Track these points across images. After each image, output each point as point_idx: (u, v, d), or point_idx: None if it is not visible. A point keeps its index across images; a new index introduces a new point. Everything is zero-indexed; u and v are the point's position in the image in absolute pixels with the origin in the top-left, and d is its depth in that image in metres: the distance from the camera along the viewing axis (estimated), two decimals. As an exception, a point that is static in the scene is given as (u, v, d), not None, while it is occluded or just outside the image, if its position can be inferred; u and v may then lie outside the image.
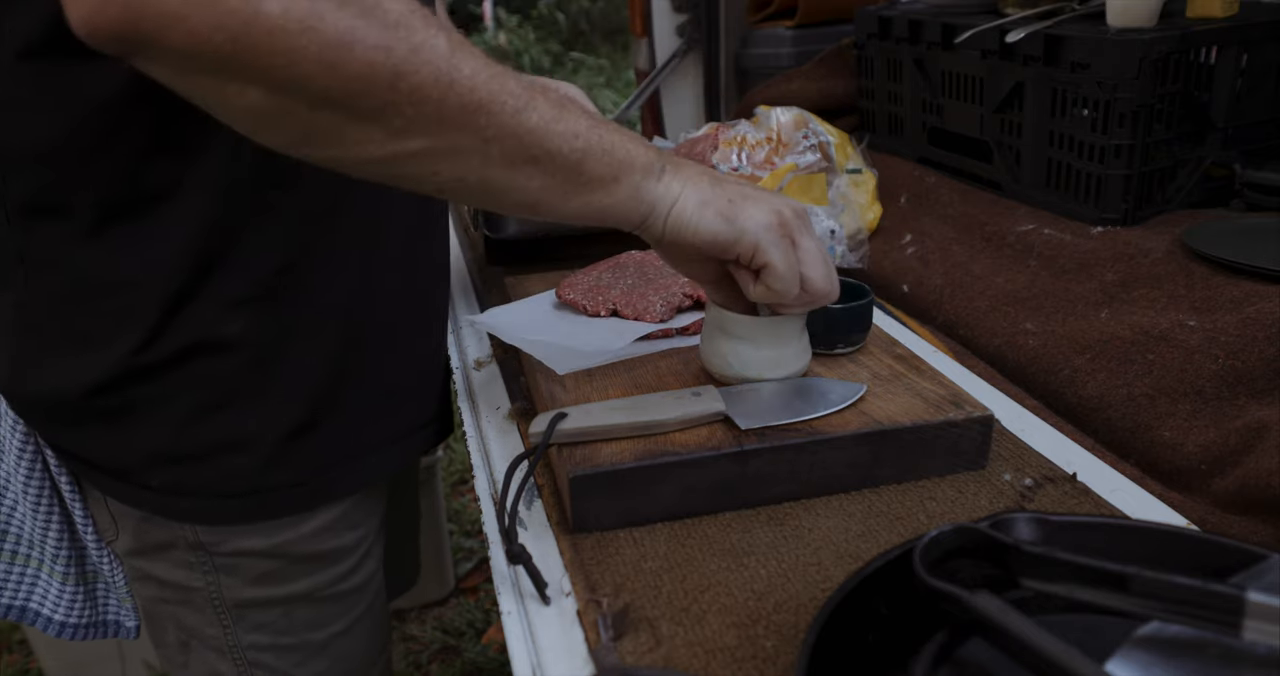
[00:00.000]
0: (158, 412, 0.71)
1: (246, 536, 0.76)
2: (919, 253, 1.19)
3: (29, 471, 0.77)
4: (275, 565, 0.78)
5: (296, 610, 0.81)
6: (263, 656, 0.81)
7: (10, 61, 0.61)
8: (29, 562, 0.84)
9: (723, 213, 0.65)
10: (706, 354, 0.78)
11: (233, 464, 0.73)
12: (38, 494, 0.78)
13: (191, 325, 0.68)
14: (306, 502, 0.77)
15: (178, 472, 0.73)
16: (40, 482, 0.78)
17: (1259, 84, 1.09)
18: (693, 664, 0.55)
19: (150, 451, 0.72)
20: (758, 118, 1.41)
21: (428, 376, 0.86)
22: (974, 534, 0.52)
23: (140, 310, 0.68)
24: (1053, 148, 1.14)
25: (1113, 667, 0.47)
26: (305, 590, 0.80)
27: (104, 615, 0.88)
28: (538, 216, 0.62)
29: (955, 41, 1.25)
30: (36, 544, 0.82)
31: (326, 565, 0.80)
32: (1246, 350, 0.81)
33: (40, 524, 0.80)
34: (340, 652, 0.85)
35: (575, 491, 0.66)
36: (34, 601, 0.85)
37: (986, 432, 0.73)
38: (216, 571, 0.77)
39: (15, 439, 0.76)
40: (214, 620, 0.79)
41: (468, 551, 2.27)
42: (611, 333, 0.87)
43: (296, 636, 0.82)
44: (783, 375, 0.76)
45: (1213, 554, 0.51)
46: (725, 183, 0.67)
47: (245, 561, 0.77)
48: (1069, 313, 0.96)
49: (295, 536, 0.77)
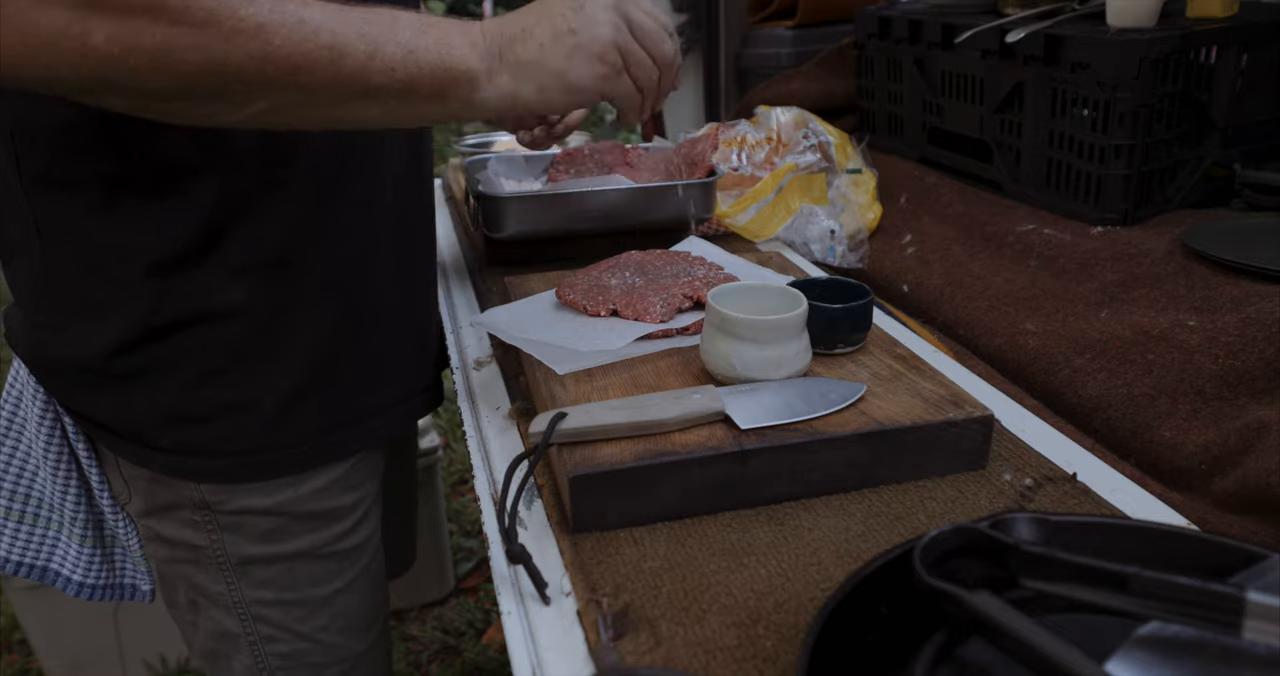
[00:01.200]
0: (167, 376, 0.75)
1: (250, 495, 0.80)
2: (919, 253, 1.19)
3: (49, 438, 0.81)
4: (277, 523, 0.82)
5: (298, 567, 0.85)
6: (267, 611, 0.85)
7: None
8: (49, 525, 0.87)
9: (562, 88, 0.68)
10: (708, 355, 0.78)
11: (237, 424, 0.77)
12: (56, 459, 0.82)
13: (198, 293, 0.73)
14: (307, 462, 0.81)
15: (185, 432, 0.77)
16: (60, 448, 0.81)
17: (1259, 84, 1.09)
18: (693, 664, 0.55)
19: (160, 413, 0.76)
20: (758, 118, 1.41)
21: (423, 342, 0.91)
22: (974, 534, 0.52)
23: (149, 279, 0.72)
24: (1053, 148, 1.14)
25: (1113, 667, 0.47)
26: (306, 547, 0.84)
27: (120, 578, 0.91)
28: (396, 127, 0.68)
29: (955, 41, 1.25)
30: (56, 507, 0.86)
31: (326, 523, 0.84)
32: (1246, 350, 0.81)
33: (59, 488, 0.84)
34: (340, 608, 0.89)
35: (575, 491, 0.66)
36: (54, 562, 0.88)
37: (986, 432, 0.73)
38: (221, 530, 0.81)
39: (36, 406, 0.80)
40: (219, 577, 0.83)
41: (468, 551, 2.27)
42: (611, 332, 0.87)
43: (299, 592, 0.86)
44: (784, 375, 0.76)
45: (1213, 554, 0.51)
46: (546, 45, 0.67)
47: (248, 519, 0.81)
48: (1069, 313, 0.96)
49: (296, 495, 0.81)
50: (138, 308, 0.73)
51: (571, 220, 1.14)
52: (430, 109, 0.65)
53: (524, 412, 0.85)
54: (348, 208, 0.78)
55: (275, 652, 0.87)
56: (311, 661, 0.89)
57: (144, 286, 0.72)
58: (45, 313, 0.76)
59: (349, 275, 0.80)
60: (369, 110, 0.63)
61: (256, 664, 0.87)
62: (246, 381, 0.77)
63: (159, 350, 0.74)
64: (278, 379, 0.78)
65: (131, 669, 1.84)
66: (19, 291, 0.79)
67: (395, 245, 0.84)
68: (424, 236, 0.91)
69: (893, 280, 1.18)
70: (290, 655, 0.88)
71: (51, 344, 0.77)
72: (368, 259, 0.81)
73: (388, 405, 0.87)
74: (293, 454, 0.80)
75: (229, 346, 0.75)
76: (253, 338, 0.76)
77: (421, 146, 0.89)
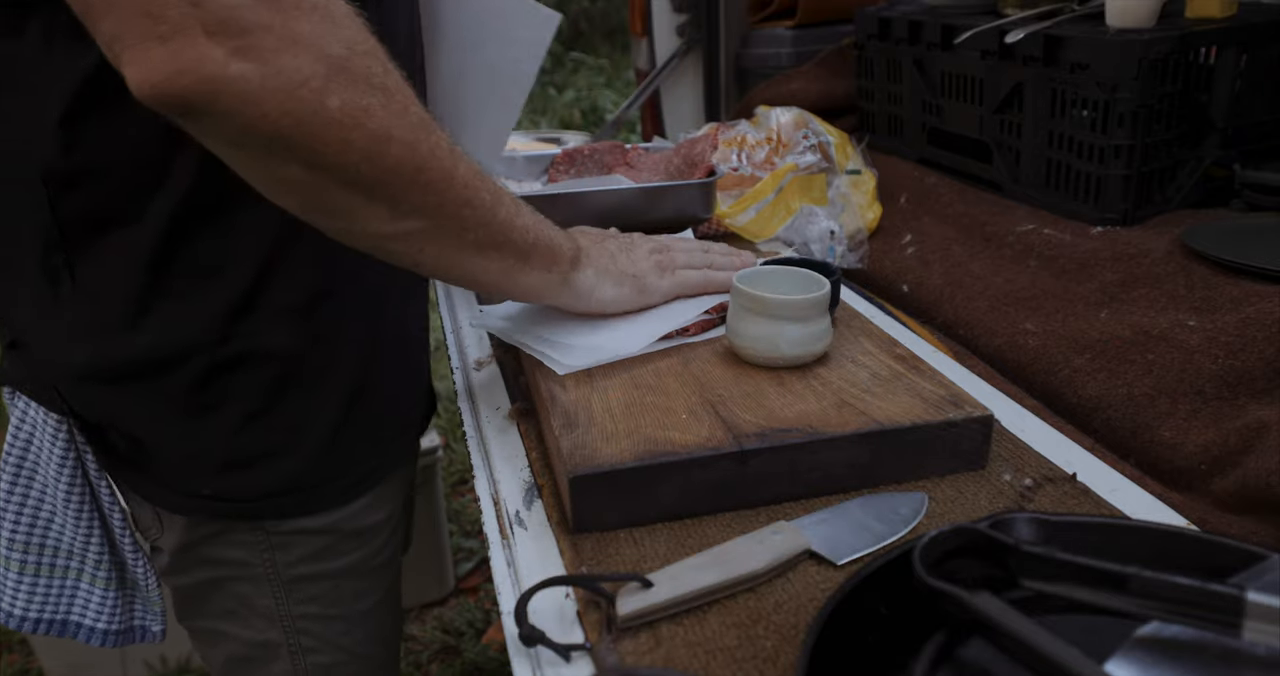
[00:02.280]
0: (214, 421, 0.74)
1: (302, 518, 0.81)
2: (919, 253, 1.19)
3: (70, 482, 0.78)
4: (328, 541, 0.83)
5: (344, 583, 0.86)
6: (311, 625, 0.86)
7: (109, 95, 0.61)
8: (68, 573, 0.85)
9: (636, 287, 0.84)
10: (745, 338, 0.80)
11: (278, 468, 0.77)
12: (79, 504, 0.80)
13: (243, 337, 0.72)
14: (348, 494, 0.83)
15: (229, 480, 0.77)
16: (81, 492, 0.79)
17: (1258, 84, 1.09)
18: (693, 664, 0.55)
19: (206, 461, 0.75)
20: (758, 118, 1.41)
21: (423, 360, 0.94)
22: (974, 534, 0.52)
23: (201, 323, 0.71)
24: (1052, 148, 1.14)
25: (1113, 667, 0.47)
26: (352, 564, 0.85)
27: (133, 620, 0.90)
28: (481, 291, 0.80)
29: (955, 42, 1.25)
30: (77, 553, 0.83)
31: (369, 539, 0.86)
32: (1246, 350, 0.81)
33: (82, 533, 0.81)
34: (377, 621, 0.91)
35: (575, 491, 0.66)
36: (75, 613, 0.87)
37: (986, 432, 0.73)
38: (273, 549, 0.81)
39: (56, 449, 0.77)
40: (267, 591, 0.83)
41: (468, 551, 2.27)
42: (614, 331, 0.87)
43: (343, 607, 0.87)
44: (820, 350, 0.80)
45: (1213, 554, 0.51)
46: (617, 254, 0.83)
47: (301, 539, 0.82)
48: (1069, 313, 0.96)
49: (345, 514, 0.83)
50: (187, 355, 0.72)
51: (571, 220, 1.14)
52: (534, 278, 0.74)
53: (524, 412, 0.85)
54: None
55: (314, 663, 0.88)
56: (346, 671, 0.90)
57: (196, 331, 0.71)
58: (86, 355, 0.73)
59: (372, 303, 0.80)
60: (492, 263, 0.69)
61: (295, 670, 0.88)
62: (287, 421, 0.76)
63: (206, 397, 0.73)
64: (316, 414, 0.77)
65: (131, 669, 1.84)
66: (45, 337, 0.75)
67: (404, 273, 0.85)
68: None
69: (893, 280, 1.18)
70: (329, 666, 0.89)
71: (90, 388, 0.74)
72: (384, 285, 0.81)
73: (406, 426, 0.90)
74: (333, 487, 0.81)
75: (271, 387, 0.75)
76: (293, 376, 0.75)
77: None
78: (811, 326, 0.79)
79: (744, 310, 0.80)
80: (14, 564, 0.83)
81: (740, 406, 0.74)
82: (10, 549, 0.82)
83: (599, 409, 0.74)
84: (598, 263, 0.81)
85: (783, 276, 0.85)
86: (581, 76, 6.69)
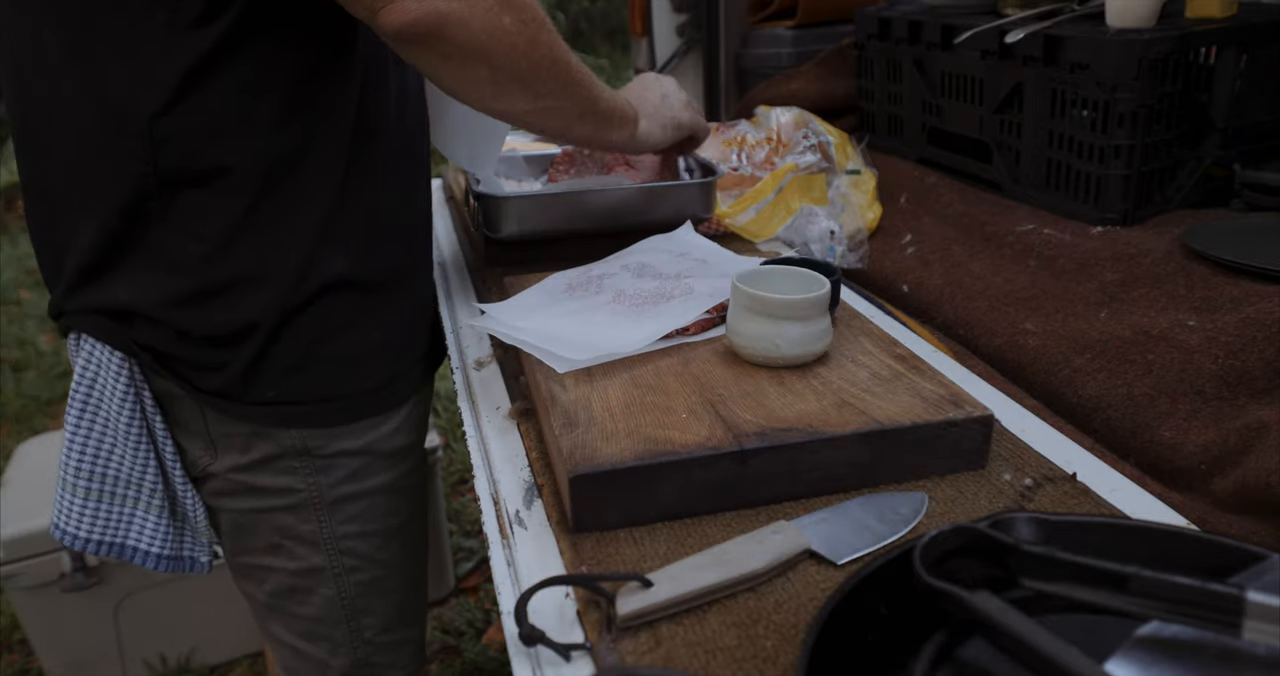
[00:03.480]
0: (289, 342, 0.86)
1: (343, 438, 0.92)
2: (919, 253, 1.19)
3: (130, 417, 0.87)
4: (365, 461, 0.94)
5: (379, 500, 0.97)
6: (352, 544, 0.97)
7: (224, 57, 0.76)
8: (125, 502, 0.93)
9: (674, 126, 1.09)
10: (745, 338, 0.80)
11: (335, 374, 0.89)
12: (138, 436, 0.88)
13: (326, 268, 0.85)
14: (384, 403, 0.94)
15: (290, 383, 0.87)
16: (140, 426, 0.88)
17: (1258, 84, 1.09)
18: (693, 664, 0.55)
19: (278, 368, 0.86)
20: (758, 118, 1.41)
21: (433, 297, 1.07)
22: (974, 534, 0.52)
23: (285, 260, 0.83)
24: (1052, 148, 1.14)
25: (1113, 667, 0.47)
26: (386, 482, 0.97)
27: (182, 550, 0.97)
28: (576, 144, 1.21)
29: (955, 42, 1.25)
30: (134, 482, 0.91)
31: (400, 460, 0.98)
32: (1246, 350, 0.81)
33: (140, 463, 0.90)
34: (407, 539, 1.03)
35: (575, 491, 0.66)
36: (131, 538, 0.94)
37: (986, 432, 0.73)
38: (317, 473, 0.92)
39: (119, 384, 0.85)
40: (312, 517, 0.94)
41: (468, 551, 2.27)
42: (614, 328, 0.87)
43: (379, 522, 0.98)
44: (821, 349, 0.81)
45: (1213, 554, 0.51)
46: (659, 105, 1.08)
47: (341, 460, 0.93)
48: (1069, 313, 0.96)
49: (378, 435, 0.94)
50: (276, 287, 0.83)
51: (571, 220, 1.14)
52: (614, 134, 0.99)
53: (524, 412, 0.85)
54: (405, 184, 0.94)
55: (357, 581, 0.99)
56: (385, 586, 1.02)
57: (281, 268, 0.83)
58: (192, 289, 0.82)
59: (408, 246, 0.95)
60: (586, 126, 0.94)
61: (339, 594, 0.99)
62: (346, 340, 0.89)
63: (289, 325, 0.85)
64: (370, 334, 0.90)
65: (131, 669, 1.84)
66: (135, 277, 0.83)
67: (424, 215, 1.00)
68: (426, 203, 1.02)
69: (893, 280, 1.18)
70: (369, 582, 1.00)
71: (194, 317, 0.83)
72: (415, 233, 0.97)
73: (425, 354, 1.02)
74: (376, 396, 0.93)
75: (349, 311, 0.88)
76: (352, 304, 0.88)
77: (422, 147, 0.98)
78: (812, 326, 0.79)
79: (744, 309, 0.80)
80: (79, 490, 0.91)
81: (740, 406, 0.74)
82: (77, 477, 0.90)
83: (599, 408, 0.74)
84: (646, 115, 1.05)
85: (783, 276, 0.85)
86: (581, 76, 6.68)
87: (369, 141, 0.86)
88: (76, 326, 0.86)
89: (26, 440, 2.03)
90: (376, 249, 0.90)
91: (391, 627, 1.04)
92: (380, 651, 1.04)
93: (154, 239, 0.81)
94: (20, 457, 1.87)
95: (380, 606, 1.02)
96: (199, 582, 1.79)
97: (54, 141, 0.81)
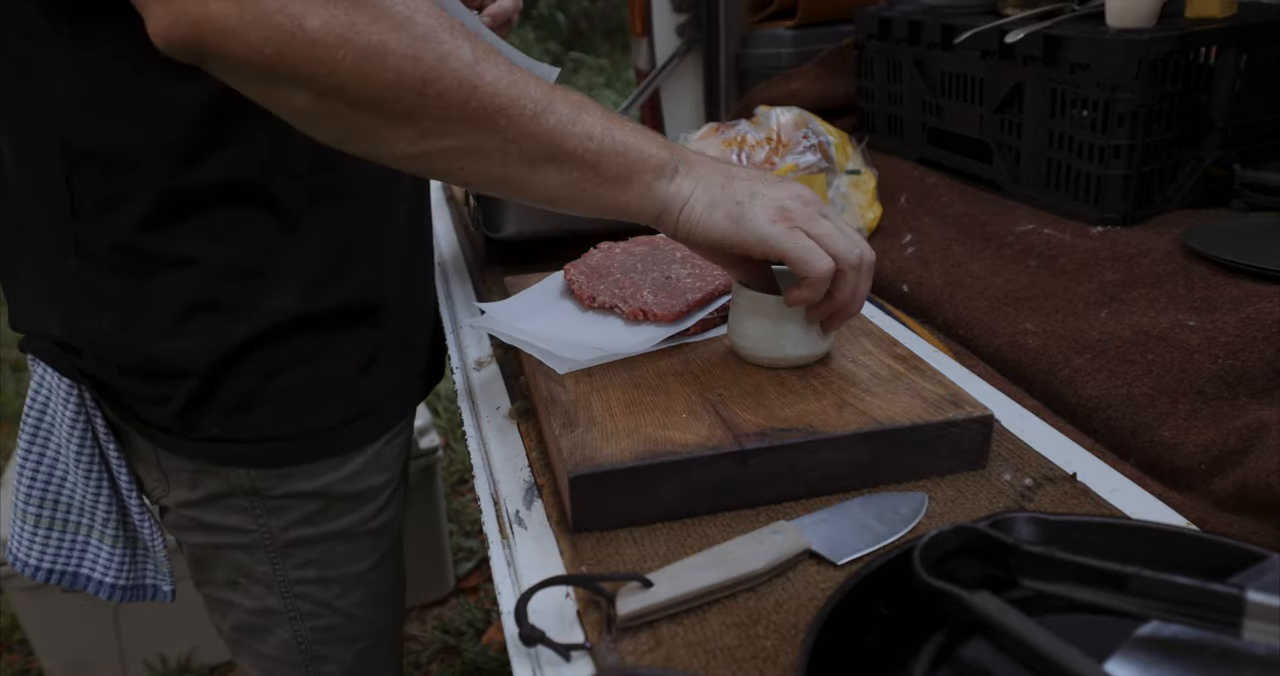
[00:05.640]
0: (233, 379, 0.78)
1: (295, 479, 0.84)
2: (919, 253, 1.19)
3: (80, 442, 0.82)
4: (320, 504, 0.86)
5: (337, 546, 0.89)
6: (308, 589, 0.90)
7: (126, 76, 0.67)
8: (79, 530, 0.89)
9: (730, 215, 0.69)
10: (747, 339, 0.80)
11: (283, 410, 0.81)
12: (89, 463, 0.83)
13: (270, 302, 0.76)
14: (345, 445, 0.85)
15: (235, 420, 0.80)
16: (91, 452, 0.83)
17: (1258, 84, 1.09)
18: (693, 664, 0.55)
19: (218, 407, 0.79)
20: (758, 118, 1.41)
21: (425, 329, 0.96)
22: (974, 534, 0.52)
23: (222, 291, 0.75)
24: (1052, 148, 1.14)
25: (1113, 667, 0.47)
26: (345, 527, 0.88)
27: (143, 579, 0.94)
28: (560, 210, 0.68)
29: (955, 42, 1.25)
30: (88, 510, 0.88)
31: (363, 503, 0.89)
32: (1246, 350, 0.81)
33: (91, 491, 0.85)
34: (372, 585, 0.94)
35: (575, 491, 0.66)
36: (85, 567, 0.90)
37: (986, 432, 0.73)
38: (268, 514, 0.85)
39: (68, 411, 0.80)
40: (264, 559, 0.87)
41: (468, 551, 2.27)
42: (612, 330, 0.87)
43: (337, 569, 0.90)
44: (825, 349, 0.80)
45: (1213, 554, 0.51)
46: (736, 179, 0.70)
47: (294, 502, 0.85)
48: (1069, 313, 0.96)
49: (338, 477, 0.86)
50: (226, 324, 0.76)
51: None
52: (611, 193, 0.66)
53: (524, 412, 0.85)
54: (380, 211, 0.83)
55: (313, 627, 0.92)
56: (346, 634, 0.94)
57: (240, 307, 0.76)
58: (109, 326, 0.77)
59: (378, 276, 0.84)
60: (550, 177, 0.63)
61: (295, 638, 0.92)
62: (298, 377, 0.80)
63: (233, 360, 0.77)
64: (326, 370, 0.82)
65: (131, 669, 1.84)
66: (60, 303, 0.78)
67: (408, 242, 0.89)
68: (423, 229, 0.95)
69: (893, 280, 1.18)
70: (327, 629, 0.93)
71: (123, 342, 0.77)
72: (389, 262, 0.85)
73: (403, 387, 0.92)
74: (332, 437, 0.84)
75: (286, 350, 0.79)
76: (306, 339, 0.79)
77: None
78: (815, 326, 0.79)
79: (747, 311, 0.80)
80: (30, 517, 0.87)
81: (740, 406, 0.74)
82: (27, 503, 0.87)
83: (599, 408, 0.74)
84: (700, 177, 0.69)
85: (784, 277, 0.85)
86: (581, 76, 6.70)
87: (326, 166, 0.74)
88: (28, 347, 0.82)
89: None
90: (335, 280, 0.79)
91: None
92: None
93: (74, 268, 0.74)
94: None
95: (340, 654, 0.95)
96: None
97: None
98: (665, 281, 0.91)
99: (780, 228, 0.69)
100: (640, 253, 1.00)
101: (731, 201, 0.69)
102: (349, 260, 0.80)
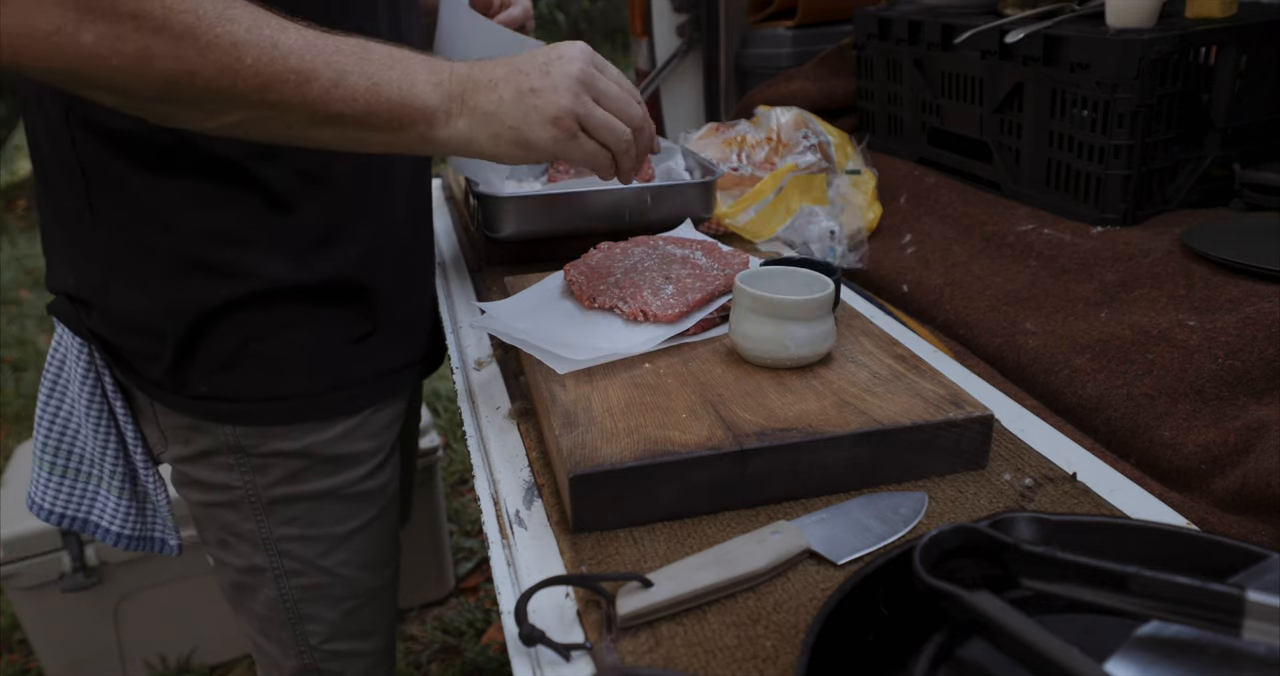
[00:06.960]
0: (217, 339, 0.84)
1: (279, 439, 0.88)
2: (919, 253, 1.19)
3: (90, 397, 0.89)
4: (303, 464, 0.90)
5: (321, 505, 0.93)
6: (291, 547, 0.94)
7: None
8: (89, 479, 0.96)
9: (515, 141, 0.73)
10: (750, 340, 0.80)
11: (268, 373, 0.86)
12: (98, 417, 0.90)
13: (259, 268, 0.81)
14: (328, 411, 0.90)
15: (223, 379, 0.85)
16: (100, 407, 0.90)
17: (1258, 84, 1.09)
18: (693, 664, 0.55)
19: (205, 366, 0.85)
20: (758, 118, 1.41)
21: (422, 319, 1.00)
22: (974, 534, 0.52)
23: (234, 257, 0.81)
24: (1052, 148, 1.14)
25: (1113, 667, 0.47)
26: (328, 487, 0.93)
27: (151, 531, 1.00)
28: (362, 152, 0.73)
29: (955, 42, 1.25)
30: (96, 462, 0.94)
31: (347, 467, 0.93)
32: (1246, 350, 0.81)
33: (100, 444, 0.92)
34: (358, 546, 0.98)
35: (575, 491, 0.66)
36: (94, 514, 0.97)
37: (986, 432, 0.73)
38: (253, 471, 0.90)
39: (79, 368, 0.88)
40: (250, 516, 0.92)
41: (468, 551, 2.27)
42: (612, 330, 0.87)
43: (321, 529, 0.94)
44: (825, 350, 0.80)
45: (1213, 554, 0.51)
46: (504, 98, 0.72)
47: (277, 461, 0.89)
48: (1069, 313, 0.96)
49: (320, 440, 0.90)
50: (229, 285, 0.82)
51: (571, 220, 1.14)
52: (386, 139, 0.71)
53: (524, 412, 0.85)
54: (372, 197, 0.88)
55: (298, 585, 0.96)
56: (331, 593, 0.98)
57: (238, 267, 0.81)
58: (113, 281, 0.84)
59: (369, 258, 0.88)
60: (326, 132, 0.69)
61: (281, 595, 0.96)
62: (284, 342, 0.86)
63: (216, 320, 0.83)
64: (312, 339, 0.87)
65: (131, 669, 1.84)
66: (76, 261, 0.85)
67: (408, 231, 0.94)
68: (423, 222, 0.99)
69: (893, 280, 1.18)
70: (311, 587, 0.97)
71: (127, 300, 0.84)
72: (383, 247, 0.90)
73: (396, 369, 0.96)
74: (317, 402, 0.89)
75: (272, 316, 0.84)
76: (294, 308, 0.85)
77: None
78: (818, 326, 0.79)
79: (749, 311, 0.80)
80: (45, 464, 0.95)
81: (740, 406, 0.74)
82: (44, 451, 0.94)
83: (599, 408, 0.74)
84: (474, 111, 0.72)
85: (785, 277, 0.85)
86: (581, 76, 6.68)
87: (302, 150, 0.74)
88: (51, 308, 0.90)
89: (26, 440, 2.03)
90: (321, 255, 0.84)
91: (337, 637, 1.01)
92: (328, 659, 1.01)
93: (86, 226, 0.82)
94: (20, 457, 1.87)
95: (326, 613, 0.99)
96: (199, 582, 1.79)
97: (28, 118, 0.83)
98: (665, 281, 0.92)
99: (563, 140, 0.73)
100: (640, 253, 1.00)
101: (508, 126, 0.72)
102: (335, 239, 0.85)
